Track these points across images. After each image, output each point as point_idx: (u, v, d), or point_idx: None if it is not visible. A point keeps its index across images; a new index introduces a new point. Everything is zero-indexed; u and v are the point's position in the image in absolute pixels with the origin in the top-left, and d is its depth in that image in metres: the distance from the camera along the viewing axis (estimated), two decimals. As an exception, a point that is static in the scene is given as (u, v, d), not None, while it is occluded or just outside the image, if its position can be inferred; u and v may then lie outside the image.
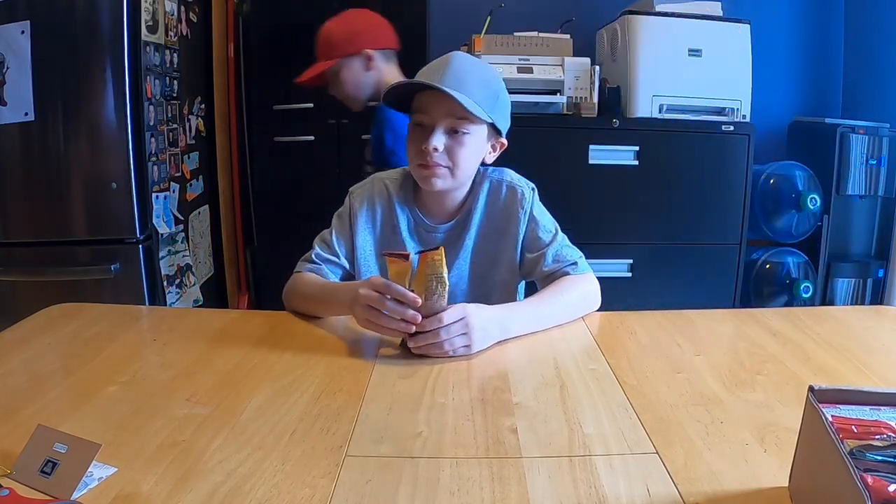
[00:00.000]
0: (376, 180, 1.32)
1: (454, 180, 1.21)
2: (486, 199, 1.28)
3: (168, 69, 2.31)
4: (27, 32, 2.02)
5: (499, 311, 1.11)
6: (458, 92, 1.13)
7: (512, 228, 1.27)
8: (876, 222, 2.76)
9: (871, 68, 2.88)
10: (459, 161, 1.19)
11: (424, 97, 1.18)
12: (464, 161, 1.20)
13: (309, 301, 1.22)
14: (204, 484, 0.68)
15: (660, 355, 1.04)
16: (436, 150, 1.16)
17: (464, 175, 1.22)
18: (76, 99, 2.08)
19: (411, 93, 1.20)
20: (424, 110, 1.18)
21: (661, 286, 2.50)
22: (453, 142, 1.18)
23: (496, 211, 1.28)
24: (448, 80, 1.14)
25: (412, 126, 1.21)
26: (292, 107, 2.69)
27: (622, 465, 0.72)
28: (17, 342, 1.08)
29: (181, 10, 2.42)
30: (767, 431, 0.79)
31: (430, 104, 1.17)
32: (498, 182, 1.29)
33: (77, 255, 2.15)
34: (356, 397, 0.89)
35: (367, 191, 1.31)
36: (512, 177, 1.31)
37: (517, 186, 1.28)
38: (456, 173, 1.20)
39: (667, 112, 2.48)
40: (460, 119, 1.17)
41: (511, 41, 2.52)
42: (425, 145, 1.16)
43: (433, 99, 1.17)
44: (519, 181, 1.30)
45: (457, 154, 1.18)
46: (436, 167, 1.18)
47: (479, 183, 1.29)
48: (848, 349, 1.05)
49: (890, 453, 0.57)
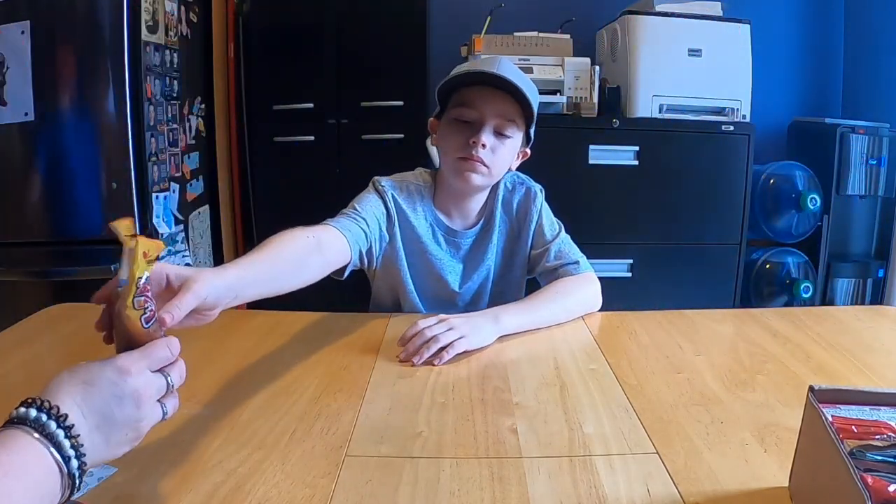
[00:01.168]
0: (402, 178, 1.28)
1: (490, 180, 1.22)
2: (504, 200, 1.30)
3: (168, 69, 2.31)
4: (27, 32, 2.02)
5: (487, 311, 1.11)
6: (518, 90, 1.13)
7: (526, 226, 1.29)
8: (876, 222, 2.76)
9: (871, 68, 2.88)
10: (500, 162, 1.20)
11: (473, 93, 1.17)
12: (502, 163, 1.21)
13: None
14: (204, 484, 0.68)
15: (660, 355, 1.04)
16: (484, 146, 1.16)
17: (495, 178, 1.23)
18: (76, 99, 2.08)
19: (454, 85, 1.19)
20: (472, 105, 1.17)
21: (661, 286, 2.50)
22: (498, 142, 1.18)
23: (514, 211, 1.30)
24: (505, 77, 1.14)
25: (451, 121, 1.20)
26: (292, 107, 2.69)
27: (622, 465, 0.72)
28: (17, 342, 1.08)
29: (181, 10, 2.42)
30: (767, 431, 0.79)
31: (480, 100, 1.17)
32: (512, 183, 1.31)
33: (77, 255, 2.15)
34: (356, 397, 0.89)
35: (397, 184, 1.26)
36: (523, 177, 1.33)
37: (531, 186, 1.31)
38: (494, 174, 1.21)
39: (667, 112, 2.48)
40: (508, 121, 1.18)
41: (511, 41, 2.52)
42: (474, 139, 1.16)
43: (485, 95, 1.16)
44: (530, 182, 1.33)
45: (500, 154, 1.19)
46: (479, 163, 1.17)
47: (497, 185, 1.30)
48: (848, 349, 1.05)
49: (890, 453, 0.57)
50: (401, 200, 1.25)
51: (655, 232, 2.54)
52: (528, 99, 1.17)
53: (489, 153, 1.17)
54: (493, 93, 1.16)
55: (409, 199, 1.26)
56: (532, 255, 1.30)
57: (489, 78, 1.15)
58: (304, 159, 2.75)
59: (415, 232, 1.26)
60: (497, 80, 1.15)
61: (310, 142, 2.73)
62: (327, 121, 2.70)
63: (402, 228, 1.25)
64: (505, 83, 1.15)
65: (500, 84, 1.15)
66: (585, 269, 1.26)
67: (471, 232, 1.29)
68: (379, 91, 2.59)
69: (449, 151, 1.20)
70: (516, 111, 1.19)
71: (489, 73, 1.14)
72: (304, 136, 2.72)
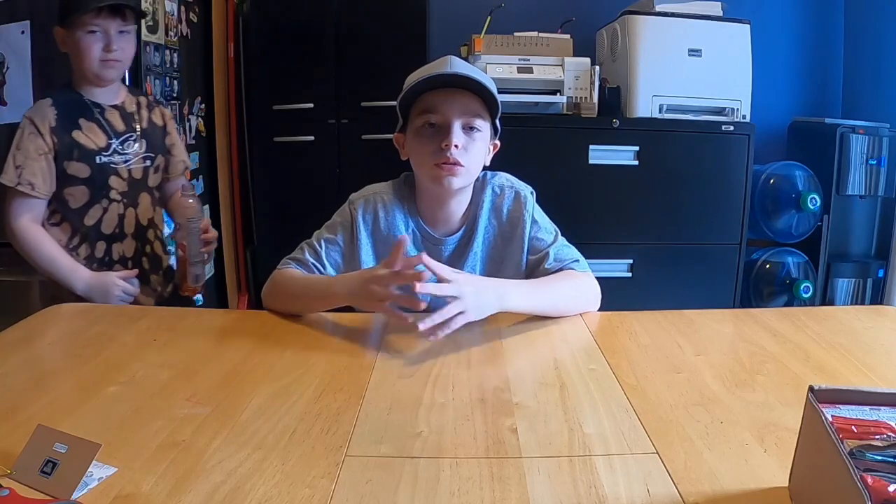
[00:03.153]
0: (376, 191, 1.28)
1: (469, 178, 1.21)
2: (492, 206, 1.28)
3: (168, 69, 2.31)
4: (27, 32, 2.02)
5: (496, 282, 1.14)
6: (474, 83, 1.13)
7: (518, 232, 1.27)
8: (876, 222, 2.76)
9: (871, 68, 2.88)
10: (475, 158, 1.19)
11: (433, 97, 1.17)
12: (476, 160, 1.20)
13: (300, 297, 1.20)
14: (204, 484, 0.68)
15: (660, 355, 1.04)
16: (457, 146, 1.15)
17: (472, 175, 1.22)
18: (76, 99, 2.08)
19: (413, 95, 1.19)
20: (436, 109, 1.17)
21: (661, 286, 2.50)
22: (468, 139, 1.18)
23: (502, 216, 1.28)
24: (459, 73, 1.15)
25: (417, 130, 1.19)
26: (292, 107, 2.69)
27: (622, 465, 0.72)
28: (17, 342, 1.08)
29: (181, 10, 2.42)
30: (767, 431, 0.79)
31: (442, 102, 1.16)
32: (500, 188, 1.28)
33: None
34: (356, 397, 0.89)
35: (370, 201, 1.27)
36: (513, 181, 1.30)
37: (520, 190, 1.28)
38: (472, 171, 1.20)
39: (667, 112, 2.48)
40: (474, 116, 1.17)
41: (511, 41, 2.52)
42: (446, 142, 1.15)
43: (445, 96, 1.16)
44: (520, 185, 1.30)
45: (472, 151, 1.18)
46: (455, 165, 1.16)
47: (481, 190, 1.28)
48: (848, 349, 1.05)
49: (890, 453, 0.57)
50: (372, 219, 1.25)
51: (655, 232, 2.54)
52: (488, 90, 1.16)
53: (463, 152, 1.16)
54: (452, 92, 1.15)
55: (385, 213, 1.25)
56: (529, 261, 1.28)
57: (448, 79, 1.15)
58: (304, 159, 2.75)
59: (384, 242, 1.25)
60: (454, 79, 1.15)
61: (310, 142, 2.73)
62: (327, 121, 2.70)
63: (375, 246, 1.26)
64: (462, 80, 1.15)
65: (458, 82, 1.16)
66: (584, 268, 1.26)
67: (452, 239, 1.27)
68: (379, 91, 2.59)
69: (424, 161, 1.19)
70: (479, 105, 1.18)
71: (445, 73, 1.14)
72: (304, 136, 2.72)
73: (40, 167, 1.43)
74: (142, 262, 1.58)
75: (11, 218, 1.45)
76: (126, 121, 1.54)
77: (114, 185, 1.51)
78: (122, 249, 1.54)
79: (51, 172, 1.44)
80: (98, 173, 1.48)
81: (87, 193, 1.49)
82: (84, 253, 1.51)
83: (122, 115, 1.54)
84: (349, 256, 1.26)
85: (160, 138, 1.61)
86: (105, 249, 1.52)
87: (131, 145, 1.54)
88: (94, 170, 1.48)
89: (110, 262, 1.53)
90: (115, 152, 1.51)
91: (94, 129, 1.49)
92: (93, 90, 1.50)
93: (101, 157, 1.49)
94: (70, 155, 1.45)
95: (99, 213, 1.50)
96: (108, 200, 1.51)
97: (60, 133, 1.44)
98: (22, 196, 1.43)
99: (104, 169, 1.49)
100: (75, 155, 1.46)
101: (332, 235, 1.26)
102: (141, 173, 1.56)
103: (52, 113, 1.45)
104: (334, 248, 1.26)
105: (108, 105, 1.52)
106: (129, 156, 1.53)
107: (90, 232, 1.51)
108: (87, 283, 1.45)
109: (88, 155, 1.47)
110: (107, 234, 1.52)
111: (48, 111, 1.45)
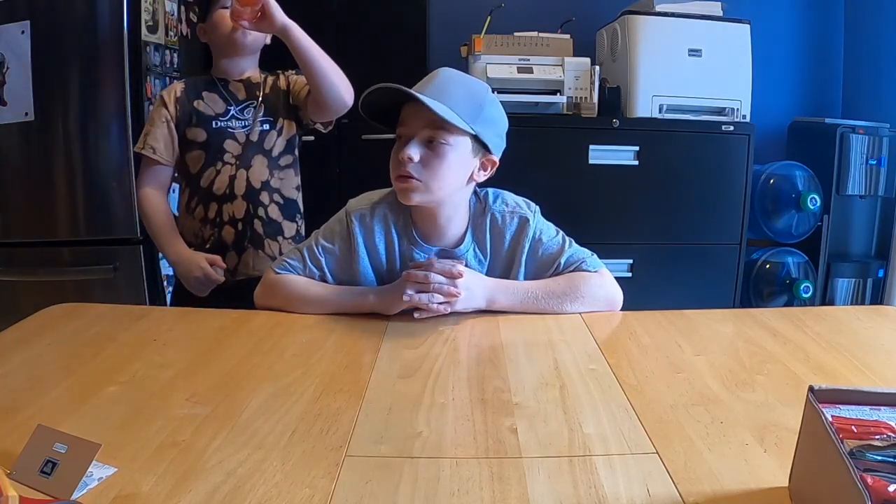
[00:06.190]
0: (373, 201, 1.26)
1: (431, 194, 1.16)
2: (494, 233, 1.25)
3: (168, 69, 2.31)
4: (27, 32, 2.02)
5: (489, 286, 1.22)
6: (438, 101, 1.10)
7: (518, 257, 1.25)
8: (876, 222, 2.77)
9: (871, 68, 2.88)
10: (437, 173, 1.14)
11: (406, 110, 1.16)
12: (442, 173, 1.14)
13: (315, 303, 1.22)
14: (204, 484, 0.68)
15: (660, 355, 1.04)
16: (410, 159, 1.12)
17: (442, 190, 1.16)
18: (76, 99, 2.08)
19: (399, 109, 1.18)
20: (404, 122, 1.16)
21: (661, 286, 2.50)
22: (431, 153, 1.14)
23: (506, 244, 1.25)
24: (430, 91, 1.12)
25: (396, 139, 1.19)
26: (292, 107, 2.68)
27: (622, 465, 0.72)
28: (17, 342, 1.08)
29: (181, 10, 2.42)
30: (767, 431, 0.79)
31: (410, 115, 1.16)
32: (501, 214, 1.24)
33: (77, 255, 2.15)
34: (356, 397, 0.89)
35: (365, 215, 1.24)
36: (514, 205, 1.26)
37: (523, 214, 1.24)
38: (433, 186, 1.15)
39: (667, 112, 2.49)
40: (438, 130, 1.13)
41: (511, 41, 2.52)
42: (401, 155, 1.13)
43: (413, 110, 1.14)
44: (522, 207, 1.26)
45: (434, 165, 1.13)
46: (410, 179, 1.13)
47: (481, 214, 1.25)
48: (848, 349, 1.05)
49: (890, 453, 0.57)
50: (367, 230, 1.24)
51: (655, 232, 2.54)
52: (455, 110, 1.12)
53: (418, 167, 1.13)
54: (420, 105, 1.11)
55: (381, 223, 1.24)
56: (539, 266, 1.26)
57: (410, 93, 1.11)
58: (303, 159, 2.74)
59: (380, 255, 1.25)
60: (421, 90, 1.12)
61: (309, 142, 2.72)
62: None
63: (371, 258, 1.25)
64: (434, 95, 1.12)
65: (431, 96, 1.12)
66: (597, 265, 1.26)
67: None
68: (379, 91, 2.59)
69: (391, 172, 1.18)
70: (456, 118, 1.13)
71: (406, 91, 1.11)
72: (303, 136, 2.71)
73: (162, 133, 1.57)
74: (253, 225, 1.61)
75: (139, 184, 1.62)
76: (249, 90, 1.63)
77: (228, 149, 1.59)
78: (232, 210, 1.60)
79: (172, 139, 1.58)
80: (214, 137, 1.58)
81: (203, 157, 1.58)
82: (199, 214, 1.60)
83: (246, 86, 1.63)
84: (345, 266, 1.25)
85: (282, 100, 1.66)
86: (217, 210, 1.59)
87: (251, 111, 1.61)
88: (211, 134, 1.58)
89: (221, 224, 1.60)
90: (232, 118, 1.60)
91: (215, 98, 1.60)
92: (226, 67, 1.62)
93: (217, 122, 1.59)
94: (189, 121, 1.58)
95: (213, 176, 1.58)
96: (221, 163, 1.58)
97: (184, 102, 1.58)
98: (149, 163, 1.59)
99: (220, 133, 1.58)
100: (194, 121, 1.58)
101: (330, 244, 1.25)
102: (257, 136, 1.61)
103: (180, 87, 1.61)
104: (331, 257, 1.25)
105: (233, 80, 1.62)
106: (247, 120, 1.61)
107: (205, 194, 1.59)
108: (177, 255, 1.57)
109: (206, 120, 1.58)
110: (218, 195, 1.59)
111: (177, 86, 1.61)
